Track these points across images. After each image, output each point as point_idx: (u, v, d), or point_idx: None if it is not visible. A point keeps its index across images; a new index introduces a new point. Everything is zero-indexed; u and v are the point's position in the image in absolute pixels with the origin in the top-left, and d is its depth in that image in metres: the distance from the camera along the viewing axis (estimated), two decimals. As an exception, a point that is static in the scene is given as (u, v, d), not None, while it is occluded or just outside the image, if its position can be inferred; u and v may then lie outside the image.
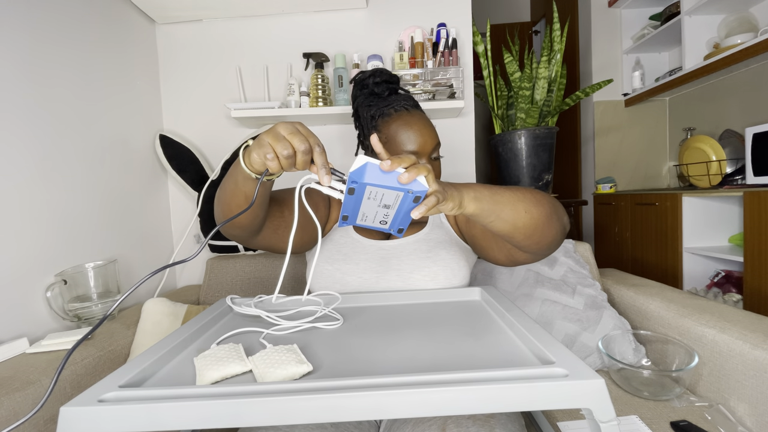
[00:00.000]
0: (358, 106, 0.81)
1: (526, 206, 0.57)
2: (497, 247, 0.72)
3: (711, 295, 1.50)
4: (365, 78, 0.81)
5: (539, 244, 0.62)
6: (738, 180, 1.62)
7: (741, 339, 0.71)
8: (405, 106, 0.76)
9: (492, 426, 0.49)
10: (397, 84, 0.83)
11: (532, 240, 0.60)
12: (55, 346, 0.77)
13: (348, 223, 0.53)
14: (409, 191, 0.46)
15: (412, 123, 0.74)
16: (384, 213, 0.51)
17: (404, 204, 0.49)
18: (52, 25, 0.94)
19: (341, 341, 0.49)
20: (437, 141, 0.76)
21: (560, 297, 0.97)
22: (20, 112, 0.85)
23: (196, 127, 1.39)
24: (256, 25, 1.36)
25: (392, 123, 0.74)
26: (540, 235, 0.60)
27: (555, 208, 0.61)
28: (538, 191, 0.61)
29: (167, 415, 0.32)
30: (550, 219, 0.60)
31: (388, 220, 0.52)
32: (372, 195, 0.48)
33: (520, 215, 0.57)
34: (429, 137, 0.74)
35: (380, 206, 0.50)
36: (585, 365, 0.36)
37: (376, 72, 0.81)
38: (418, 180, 0.47)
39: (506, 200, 0.56)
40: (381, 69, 0.82)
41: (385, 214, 0.51)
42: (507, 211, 0.56)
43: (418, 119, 0.75)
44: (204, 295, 1.20)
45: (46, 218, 0.90)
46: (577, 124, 2.55)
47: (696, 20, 1.86)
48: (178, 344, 0.47)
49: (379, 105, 0.77)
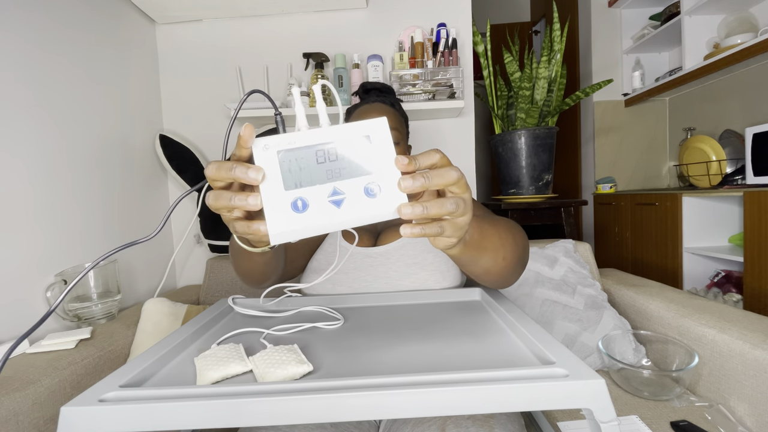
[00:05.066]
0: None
1: (505, 253, 0.51)
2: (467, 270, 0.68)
3: (711, 295, 1.50)
4: (359, 89, 0.90)
5: (497, 284, 0.57)
6: (738, 180, 1.62)
7: (741, 339, 0.71)
8: (373, 101, 0.82)
9: (492, 426, 0.49)
10: (388, 92, 0.88)
11: (494, 281, 0.55)
12: (55, 346, 0.77)
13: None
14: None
15: (367, 109, 0.80)
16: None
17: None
18: (52, 25, 0.94)
19: (341, 341, 0.49)
20: (391, 126, 0.76)
21: (560, 297, 0.97)
22: (20, 112, 0.85)
23: (196, 127, 1.39)
24: (256, 25, 1.36)
25: (355, 113, 0.81)
26: (505, 280, 0.56)
27: (525, 250, 0.57)
28: (517, 230, 0.57)
29: (167, 415, 0.32)
30: (520, 262, 0.56)
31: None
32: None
33: (497, 263, 0.51)
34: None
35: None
36: (585, 365, 0.36)
37: (368, 83, 0.89)
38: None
39: (490, 246, 0.49)
40: (378, 82, 0.90)
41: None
42: (486, 259, 0.49)
43: (375, 107, 0.80)
44: (204, 295, 1.20)
45: (46, 218, 0.90)
46: (577, 124, 2.55)
47: (696, 20, 1.86)
48: (178, 344, 0.47)
49: (358, 104, 0.84)
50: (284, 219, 0.36)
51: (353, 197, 0.37)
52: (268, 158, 0.37)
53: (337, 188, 0.37)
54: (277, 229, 0.36)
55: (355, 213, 0.37)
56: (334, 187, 0.37)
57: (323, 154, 0.37)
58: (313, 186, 0.37)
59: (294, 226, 0.36)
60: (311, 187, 0.37)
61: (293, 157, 0.37)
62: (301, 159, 0.37)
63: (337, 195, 0.37)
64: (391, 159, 0.38)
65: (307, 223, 0.36)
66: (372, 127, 0.38)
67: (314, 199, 0.37)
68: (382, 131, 0.38)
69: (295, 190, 0.37)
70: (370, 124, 0.38)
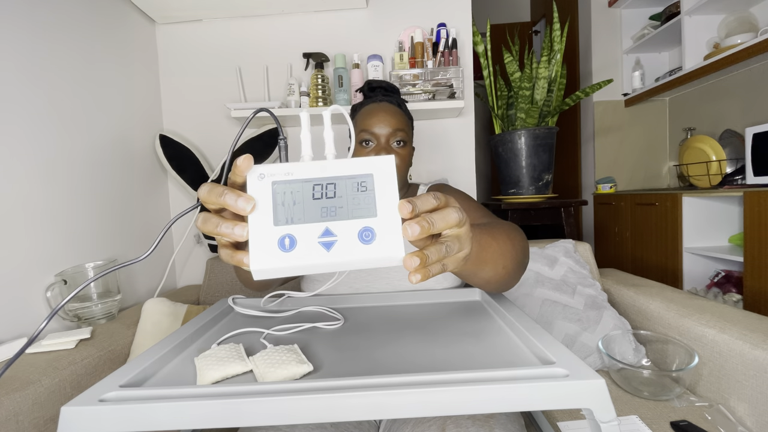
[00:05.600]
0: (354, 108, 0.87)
1: (505, 262, 0.51)
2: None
3: (711, 295, 1.50)
4: (363, 86, 0.88)
5: (498, 290, 0.57)
6: (738, 180, 1.62)
7: (741, 339, 0.71)
8: (378, 99, 0.81)
9: (492, 426, 0.49)
10: (391, 90, 0.87)
11: (495, 288, 0.55)
12: (55, 346, 0.77)
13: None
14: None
15: (374, 108, 0.78)
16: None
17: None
18: (52, 25, 0.94)
19: (342, 341, 0.49)
20: (397, 127, 0.76)
21: (560, 297, 0.97)
22: (20, 111, 0.85)
23: (196, 127, 1.39)
24: (256, 25, 1.36)
25: (362, 110, 0.80)
26: (506, 285, 0.55)
27: (525, 253, 0.57)
28: (516, 234, 0.56)
29: (168, 415, 0.32)
30: (520, 267, 0.55)
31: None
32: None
33: (497, 272, 0.50)
34: (385, 121, 0.76)
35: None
36: (585, 365, 0.36)
37: (374, 80, 0.87)
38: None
39: (489, 258, 0.48)
40: (384, 80, 0.88)
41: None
42: (487, 270, 0.49)
43: (382, 107, 0.78)
44: (204, 295, 1.20)
45: (47, 218, 0.90)
46: (577, 124, 2.55)
47: (696, 20, 1.86)
48: (178, 344, 0.47)
49: (364, 102, 0.83)
50: (268, 256, 0.34)
51: (346, 241, 0.35)
52: (262, 188, 0.35)
53: (330, 229, 0.35)
54: (259, 265, 0.34)
55: (345, 258, 0.34)
56: (327, 227, 0.35)
57: (320, 190, 0.35)
58: (305, 224, 0.35)
59: (278, 264, 0.34)
60: (302, 225, 0.35)
61: (288, 190, 0.35)
62: (296, 192, 0.35)
63: (329, 236, 0.35)
64: (393, 203, 0.35)
65: (292, 263, 0.34)
66: (378, 165, 0.36)
67: (303, 239, 0.34)
68: (388, 170, 0.36)
69: (285, 226, 0.35)
70: (377, 161, 0.36)
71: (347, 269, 0.35)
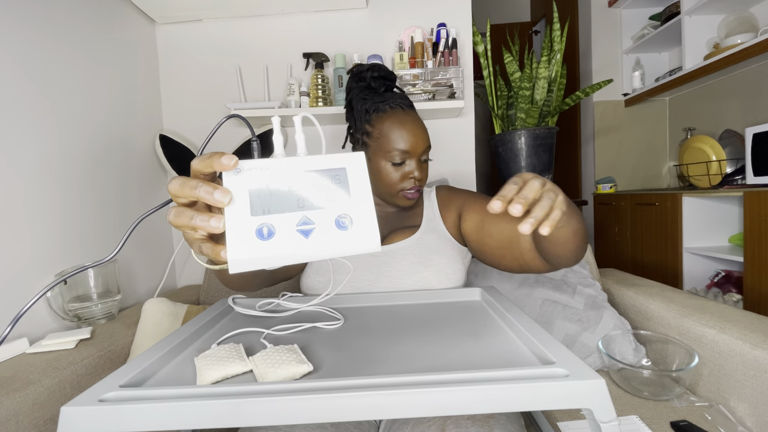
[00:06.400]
0: (353, 97, 0.79)
1: (580, 218, 0.54)
2: (511, 257, 0.67)
3: (711, 295, 1.49)
4: (363, 71, 0.79)
5: (576, 254, 0.58)
6: (738, 180, 1.62)
7: (741, 339, 0.71)
8: (401, 105, 0.76)
9: (491, 426, 0.49)
10: (394, 82, 0.82)
11: (577, 246, 0.56)
12: (55, 346, 0.77)
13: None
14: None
15: (406, 122, 0.74)
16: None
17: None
18: (52, 25, 0.94)
19: (341, 341, 0.49)
20: (428, 143, 0.76)
21: (560, 297, 0.97)
22: (20, 112, 0.85)
23: (196, 128, 1.39)
24: (256, 25, 1.36)
25: (386, 119, 0.74)
26: (583, 246, 0.56)
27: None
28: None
29: (167, 415, 0.32)
30: (586, 237, 0.58)
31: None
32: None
33: (582, 224, 0.53)
34: (421, 138, 0.74)
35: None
36: (585, 365, 0.36)
37: (375, 66, 0.79)
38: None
39: (573, 210, 0.51)
40: (380, 64, 0.80)
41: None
42: (575, 220, 0.52)
43: (412, 119, 0.75)
44: (204, 295, 1.20)
45: (46, 218, 0.90)
46: (577, 124, 2.55)
47: (696, 20, 1.86)
48: (178, 344, 0.47)
49: (375, 99, 0.76)
50: (247, 246, 0.34)
51: (323, 228, 0.35)
52: (237, 181, 0.35)
53: (307, 217, 0.35)
54: (237, 256, 0.33)
55: (324, 245, 0.35)
56: (304, 216, 0.35)
57: (296, 182, 0.36)
58: (282, 213, 0.35)
59: (257, 254, 0.34)
60: (280, 215, 0.35)
61: (264, 183, 0.35)
62: (272, 185, 0.36)
63: (306, 224, 0.35)
64: (366, 193, 0.37)
65: (271, 252, 0.34)
66: (349, 161, 0.38)
67: (281, 227, 0.35)
68: (359, 166, 0.38)
69: (262, 216, 0.34)
70: (348, 157, 0.38)
71: (325, 257, 0.35)
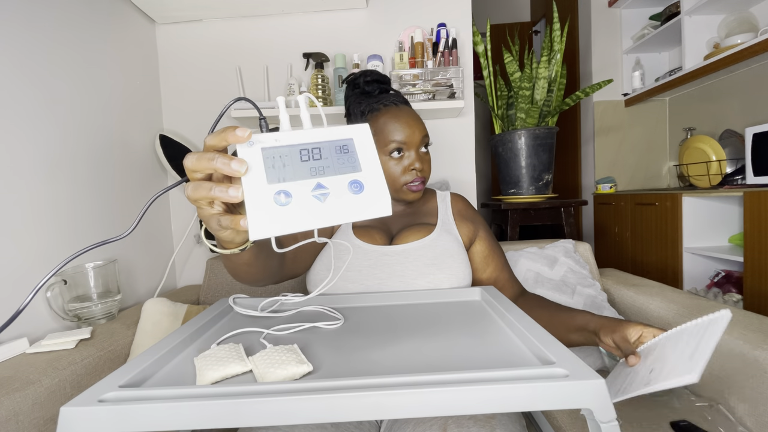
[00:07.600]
0: (350, 104, 0.83)
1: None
2: (493, 282, 0.80)
3: (711, 295, 1.49)
4: (356, 78, 0.84)
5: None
6: (738, 180, 1.62)
7: (741, 339, 0.71)
8: (394, 102, 0.79)
9: (493, 426, 0.49)
10: (388, 84, 0.85)
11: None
12: (55, 346, 0.77)
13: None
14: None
15: (400, 115, 0.77)
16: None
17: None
18: (52, 25, 0.94)
19: (341, 341, 0.49)
20: (425, 132, 0.78)
21: (560, 297, 0.97)
22: (20, 112, 0.85)
23: (196, 127, 1.39)
24: (256, 25, 1.36)
25: (381, 116, 0.77)
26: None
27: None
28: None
29: (167, 415, 0.32)
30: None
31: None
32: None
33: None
34: (417, 128, 0.76)
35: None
36: (585, 365, 0.36)
37: (367, 72, 0.83)
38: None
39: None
40: (372, 70, 0.84)
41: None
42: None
43: (405, 112, 0.77)
44: (204, 295, 1.20)
45: (47, 218, 0.90)
46: (577, 124, 2.55)
47: (696, 20, 1.86)
48: (178, 344, 0.47)
49: (369, 102, 0.80)
50: (266, 213, 0.34)
51: (338, 192, 0.36)
52: (252, 153, 0.36)
53: (321, 183, 0.36)
54: (257, 223, 0.34)
55: (339, 209, 0.36)
56: (318, 182, 0.36)
57: (307, 153, 0.37)
58: (297, 181, 0.36)
59: (276, 220, 0.34)
60: (295, 182, 0.36)
61: (277, 154, 0.37)
62: (285, 156, 0.37)
63: (321, 189, 0.36)
64: (374, 161, 0.38)
65: (289, 217, 0.35)
66: (355, 131, 0.39)
67: (298, 193, 0.36)
68: (365, 136, 0.39)
69: (278, 183, 0.36)
70: (353, 128, 0.39)
71: (341, 221, 0.37)
